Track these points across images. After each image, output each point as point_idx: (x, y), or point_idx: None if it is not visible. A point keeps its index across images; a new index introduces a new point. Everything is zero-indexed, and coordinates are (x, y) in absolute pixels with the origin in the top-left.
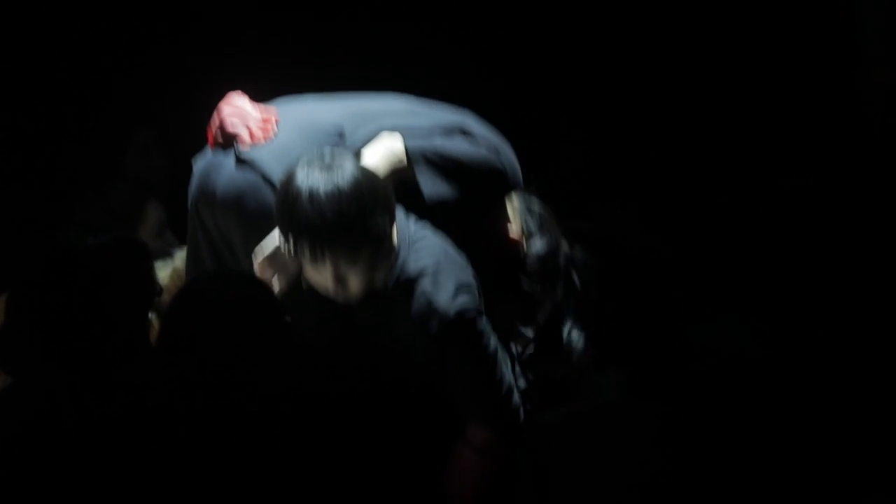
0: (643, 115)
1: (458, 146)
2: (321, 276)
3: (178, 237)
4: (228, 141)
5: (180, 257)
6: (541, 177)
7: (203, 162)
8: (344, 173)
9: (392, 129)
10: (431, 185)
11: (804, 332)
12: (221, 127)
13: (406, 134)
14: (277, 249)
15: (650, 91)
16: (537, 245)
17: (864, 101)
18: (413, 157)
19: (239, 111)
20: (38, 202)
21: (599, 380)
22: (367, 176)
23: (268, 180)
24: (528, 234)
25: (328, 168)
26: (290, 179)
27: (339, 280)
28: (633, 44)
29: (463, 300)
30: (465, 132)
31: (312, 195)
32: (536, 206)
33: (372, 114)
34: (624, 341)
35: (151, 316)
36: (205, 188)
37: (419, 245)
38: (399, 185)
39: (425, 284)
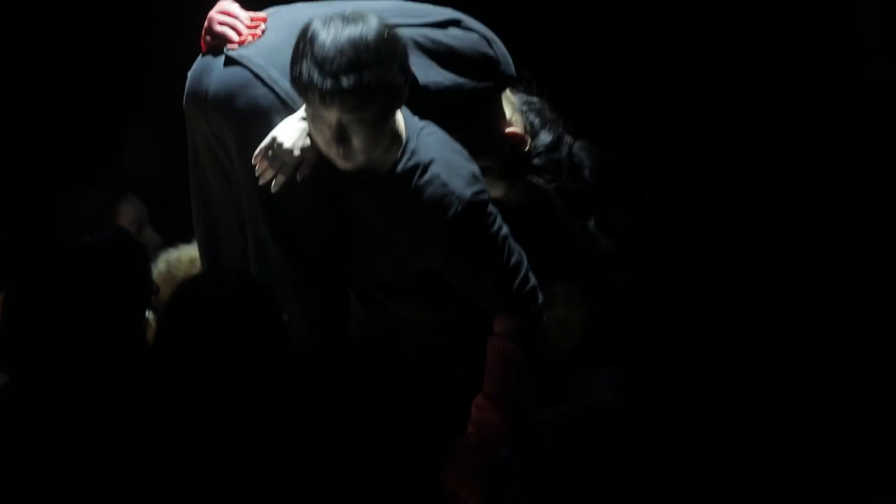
0: (636, 108)
1: (450, 34)
2: (322, 133)
3: (162, 234)
4: (218, 42)
5: (164, 260)
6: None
7: (194, 67)
8: (367, 24)
9: None
10: (425, 73)
11: (801, 327)
12: (210, 29)
13: (398, 25)
14: (273, 141)
15: (644, 83)
16: (543, 138)
17: (860, 94)
18: (408, 42)
19: (227, 14)
20: (33, 199)
21: (595, 377)
22: (390, 32)
23: (258, 76)
24: (532, 131)
25: (351, 19)
26: (310, 23)
27: (341, 137)
28: (629, 37)
29: (478, 186)
30: (457, 24)
31: (333, 34)
32: (536, 101)
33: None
34: (620, 338)
35: (149, 314)
36: (196, 91)
37: (426, 133)
38: None
39: (438, 170)
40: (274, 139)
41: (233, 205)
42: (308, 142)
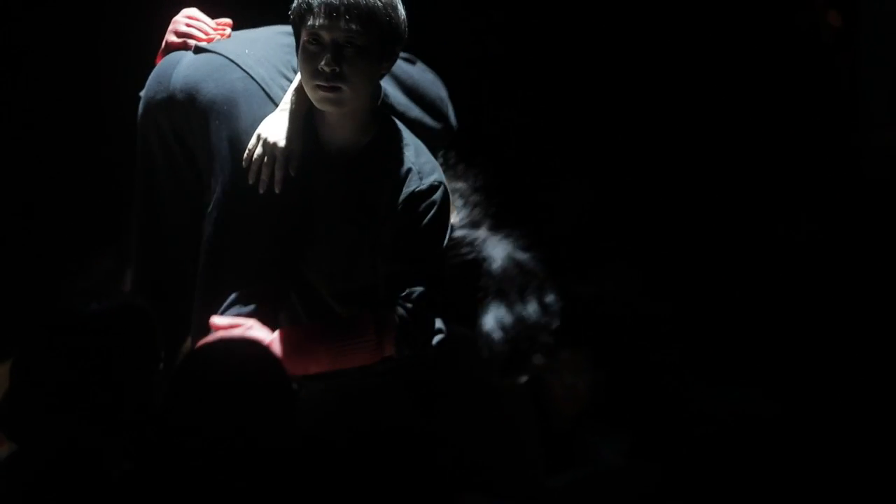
0: (645, 172)
1: (417, 68)
2: (314, 60)
3: None
4: (183, 41)
5: None
6: (536, 229)
7: (155, 70)
8: None
9: None
10: (393, 92)
11: (808, 396)
12: (174, 30)
13: None
14: (259, 138)
15: (652, 146)
16: (458, 216)
17: (866, 159)
18: None
19: (193, 18)
20: (41, 267)
21: (602, 444)
22: None
23: (233, 61)
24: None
25: None
26: None
27: (337, 56)
28: (636, 97)
29: (442, 176)
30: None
31: None
32: (464, 179)
33: None
34: (627, 405)
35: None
36: (158, 89)
37: (396, 124)
38: None
39: (411, 153)
40: (259, 136)
41: (188, 206)
42: (294, 133)
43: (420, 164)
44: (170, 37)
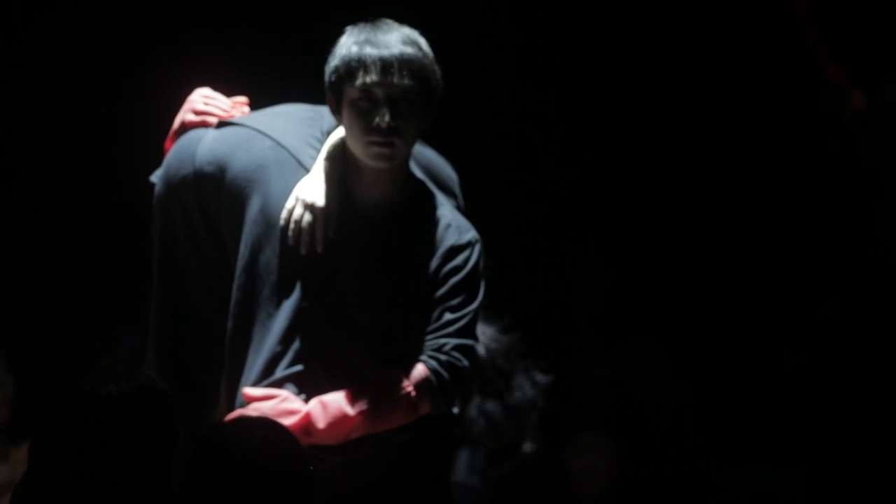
0: (666, 250)
1: (428, 148)
2: (366, 117)
3: None
4: (202, 119)
5: None
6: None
7: (173, 149)
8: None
9: None
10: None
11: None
12: (192, 109)
13: None
14: (297, 200)
15: (676, 226)
16: None
17: (886, 237)
18: None
19: (209, 97)
20: (65, 345)
21: None
22: None
23: (261, 132)
24: None
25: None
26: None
27: (395, 111)
28: (661, 178)
29: (478, 236)
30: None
31: (378, 27)
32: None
33: None
34: (651, 485)
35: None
36: (181, 166)
37: (428, 186)
38: None
39: (444, 210)
40: (297, 197)
41: (211, 285)
42: (331, 193)
43: (458, 220)
44: (187, 116)
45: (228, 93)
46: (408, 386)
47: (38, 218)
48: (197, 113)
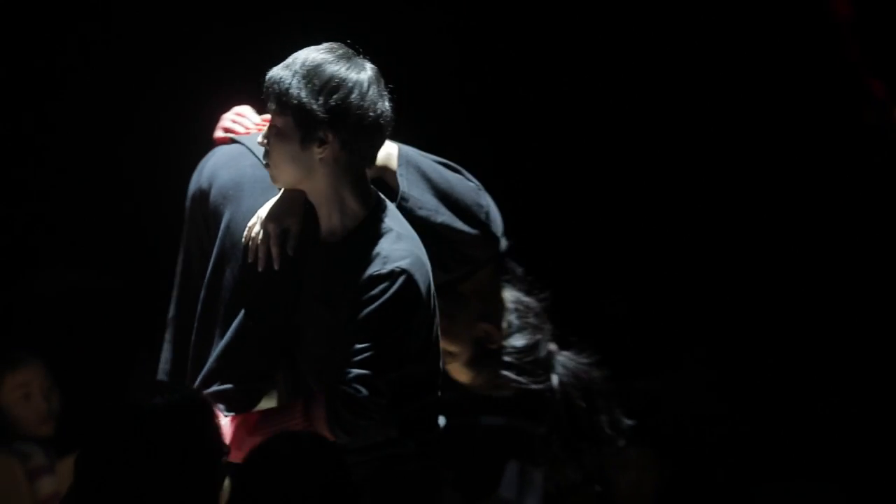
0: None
1: (454, 176)
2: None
3: None
4: (226, 136)
5: None
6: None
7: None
8: (345, 63)
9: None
10: (409, 185)
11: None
12: (221, 126)
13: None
14: (257, 217)
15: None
16: (515, 341)
17: None
18: (404, 159)
19: (239, 115)
20: (102, 360)
21: None
22: (357, 86)
23: (249, 149)
24: (507, 331)
25: (347, 57)
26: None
27: (267, 136)
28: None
29: (415, 266)
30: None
31: (315, 53)
32: (529, 302)
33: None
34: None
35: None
36: (193, 180)
37: (403, 225)
38: None
39: (385, 240)
40: (259, 216)
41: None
42: (291, 213)
43: (391, 250)
44: (217, 133)
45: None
46: (297, 415)
47: (86, 233)
48: (225, 130)
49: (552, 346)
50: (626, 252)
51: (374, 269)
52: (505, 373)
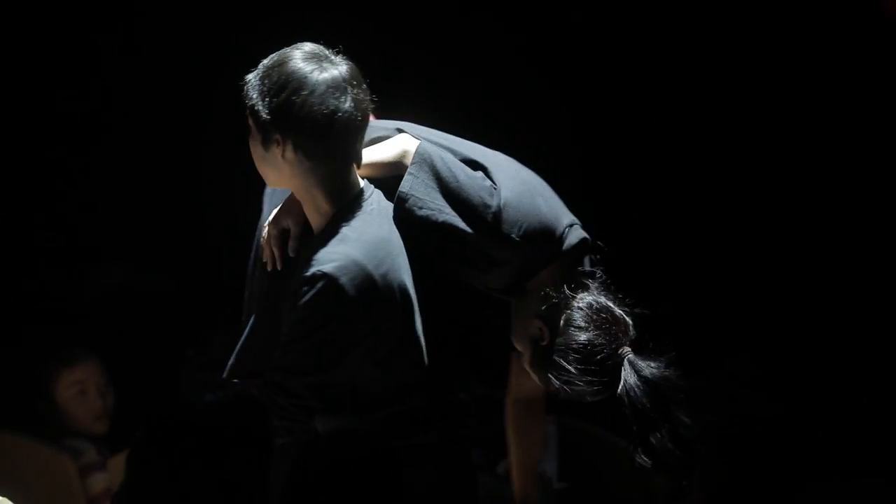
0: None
1: (467, 172)
2: None
3: None
4: None
5: None
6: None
7: None
8: (312, 67)
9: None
10: (414, 184)
11: None
12: None
13: (427, 137)
14: (264, 220)
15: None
16: (573, 337)
17: None
18: (419, 157)
19: None
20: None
21: None
22: (321, 88)
23: None
24: (565, 325)
25: (326, 60)
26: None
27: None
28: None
29: (342, 270)
30: (486, 171)
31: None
32: (593, 298)
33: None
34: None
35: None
36: None
37: (365, 225)
38: None
39: (330, 243)
40: (269, 218)
41: None
42: (294, 215)
43: (325, 252)
44: None
45: None
46: None
47: (140, 232)
48: None
49: (627, 352)
50: (674, 251)
51: (304, 271)
52: (554, 373)
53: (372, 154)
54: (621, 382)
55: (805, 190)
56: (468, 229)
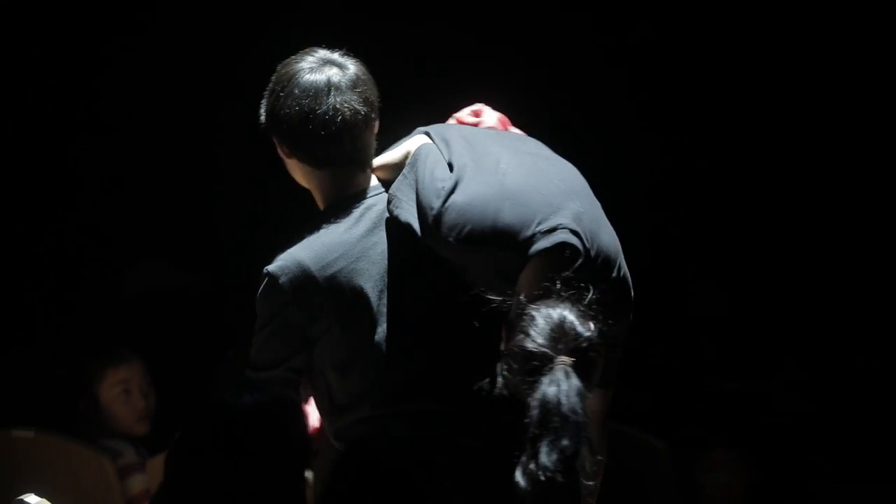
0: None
1: (431, 174)
2: None
3: None
4: None
5: None
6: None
7: None
8: (317, 69)
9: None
10: (399, 186)
11: None
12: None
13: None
14: None
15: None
16: (521, 341)
17: None
18: (414, 158)
19: (475, 114)
20: (191, 358)
21: None
22: (314, 92)
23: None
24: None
25: (339, 65)
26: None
27: None
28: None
29: (283, 269)
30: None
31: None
32: (550, 308)
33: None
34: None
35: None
36: None
37: (330, 228)
38: None
39: (296, 241)
40: None
41: None
42: None
43: (281, 252)
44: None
45: None
46: None
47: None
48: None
49: (562, 361)
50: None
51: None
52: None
53: (385, 156)
54: (540, 386)
55: (849, 196)
56: (416, 229)
